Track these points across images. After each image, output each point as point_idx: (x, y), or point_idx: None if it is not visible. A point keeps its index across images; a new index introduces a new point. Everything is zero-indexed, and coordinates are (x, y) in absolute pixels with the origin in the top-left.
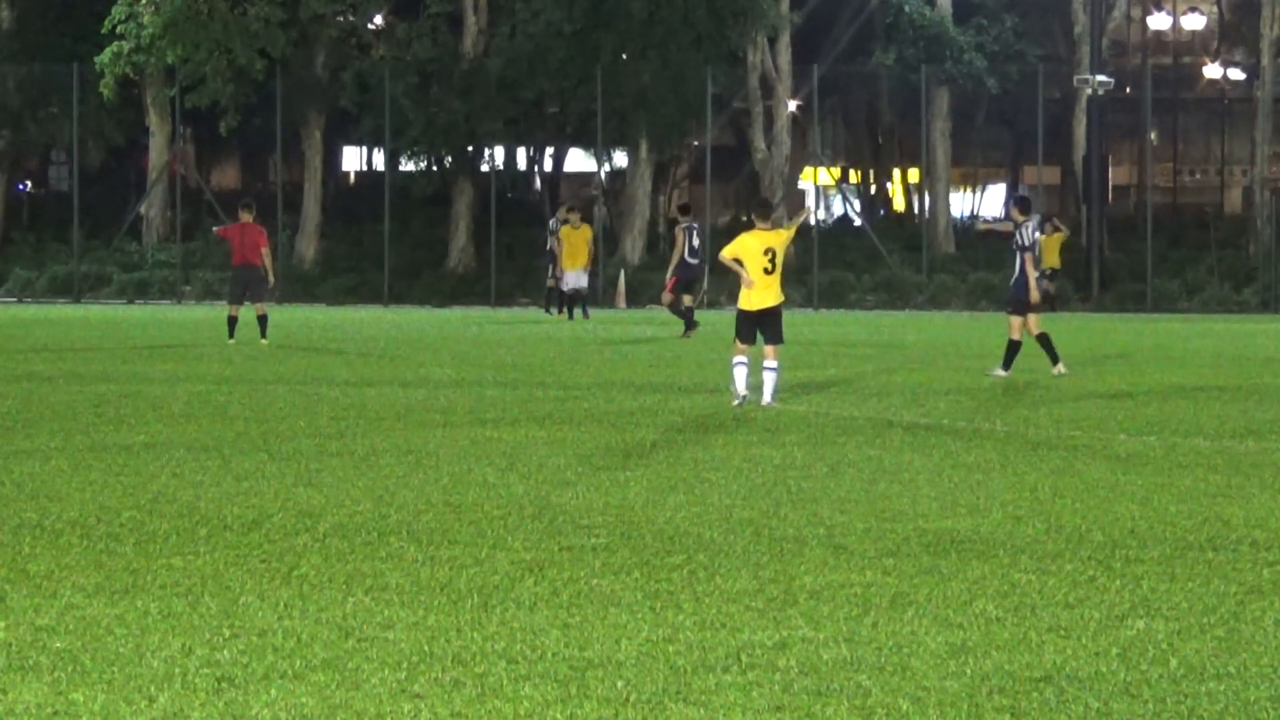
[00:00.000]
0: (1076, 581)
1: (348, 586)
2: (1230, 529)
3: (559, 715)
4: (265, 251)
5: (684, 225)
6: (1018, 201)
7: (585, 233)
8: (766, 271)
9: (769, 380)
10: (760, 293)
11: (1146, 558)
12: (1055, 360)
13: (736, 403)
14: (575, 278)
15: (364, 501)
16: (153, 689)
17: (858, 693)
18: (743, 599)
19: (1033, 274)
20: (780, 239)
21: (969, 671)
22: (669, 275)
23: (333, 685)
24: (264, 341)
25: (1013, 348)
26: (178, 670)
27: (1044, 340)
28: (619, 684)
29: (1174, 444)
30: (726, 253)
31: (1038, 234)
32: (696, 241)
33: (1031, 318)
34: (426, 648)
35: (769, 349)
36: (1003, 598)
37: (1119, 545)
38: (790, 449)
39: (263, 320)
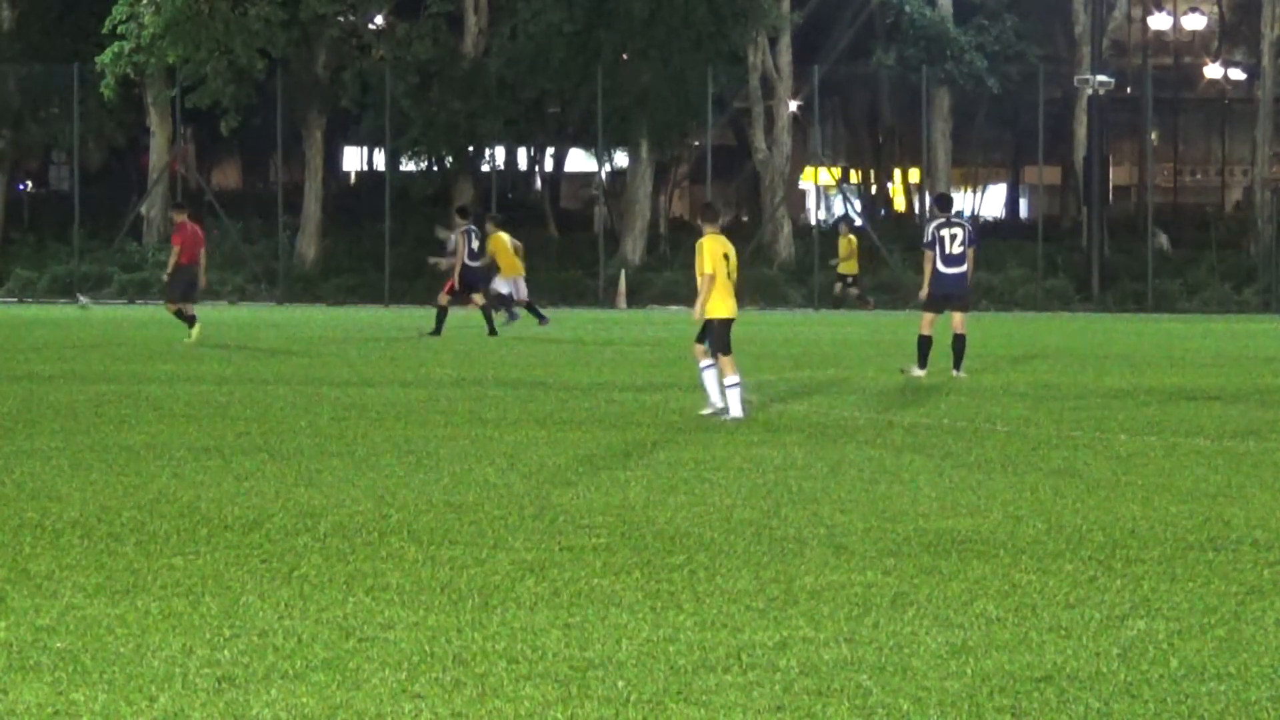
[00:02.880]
0: (1077, 581)
1: (348, 586)
2: (1230, 529)
3: (559, 715)
4: (203, 251)
5: (464, 229)
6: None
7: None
8: (729, 277)
9: (733, 395)
10: (728, 299)
11: (1146, 558)
12: (919, 366)
13: (711, 411)
14: (506, 284)
15: (364, 501)
16: (153, 689)
17: (858, 693)
18: (743, 599)
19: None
20: (729, 246)
21: (969, 671)
22: (451, 278)
23: (333, 685)
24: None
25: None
26: (178, 670)
27: (928, 342)
28: (619, 684)
29: (1174, 444)
30: (708, 267)
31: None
32: (475, 244)
33: (927, 317)
34: (427, 648)
35: (725, 361)
36: (1003, 598)
37: (1119, 545)
38: (790, 449)
39: (192, 319)
